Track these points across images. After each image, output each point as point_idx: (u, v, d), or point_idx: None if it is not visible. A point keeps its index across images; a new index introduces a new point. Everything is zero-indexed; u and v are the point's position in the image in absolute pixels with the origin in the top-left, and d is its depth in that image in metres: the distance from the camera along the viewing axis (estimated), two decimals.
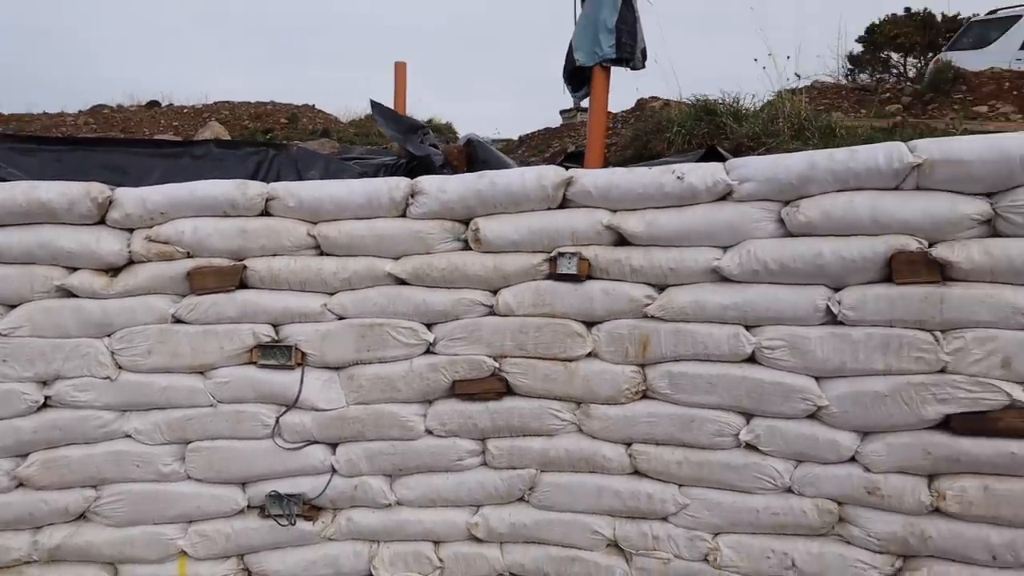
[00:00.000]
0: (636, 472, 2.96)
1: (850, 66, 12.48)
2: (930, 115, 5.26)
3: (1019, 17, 9.72)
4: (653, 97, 6.63)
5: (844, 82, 6.68)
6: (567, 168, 3.05)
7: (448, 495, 3.11)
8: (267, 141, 4.83)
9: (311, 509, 3.16)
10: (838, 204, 2.59)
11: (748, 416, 2.80)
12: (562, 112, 9.16)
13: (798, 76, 5.19)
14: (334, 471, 3.13)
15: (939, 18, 13.17)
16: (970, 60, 8.43)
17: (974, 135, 2.57)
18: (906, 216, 2.52)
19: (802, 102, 4.32)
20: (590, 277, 2.92)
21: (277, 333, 3.11)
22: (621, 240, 2.91)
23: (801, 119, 4.07)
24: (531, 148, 7.15)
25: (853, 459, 2.69)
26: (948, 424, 2.54)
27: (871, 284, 2.60)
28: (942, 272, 2.50)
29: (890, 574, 2.69)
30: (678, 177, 2.78)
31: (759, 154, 3.32)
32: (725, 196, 2.78)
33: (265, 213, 3.12)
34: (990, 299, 2.43)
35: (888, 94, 6.23)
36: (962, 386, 2.48)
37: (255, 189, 3.06)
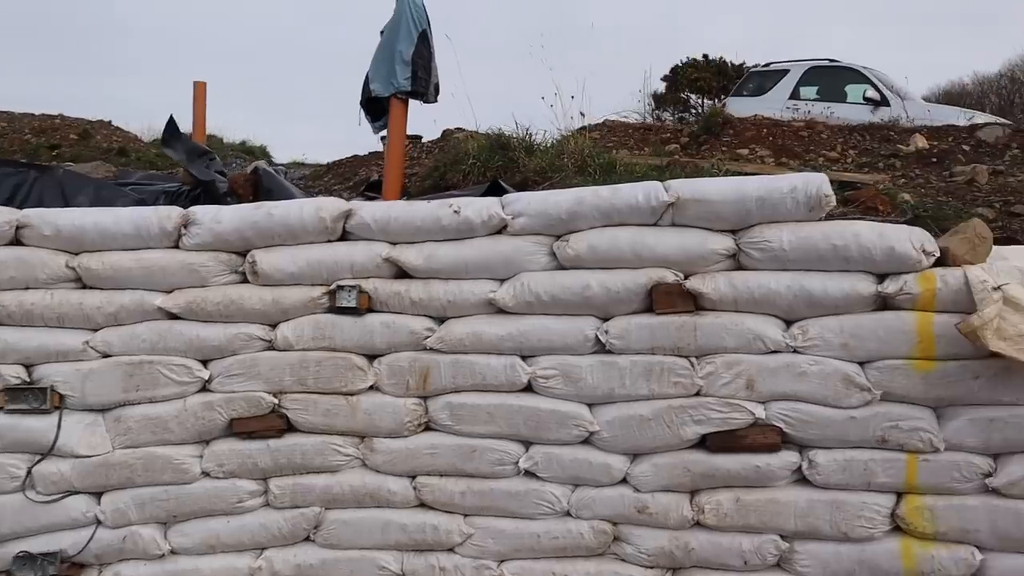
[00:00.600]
0: (422, 504, 2.95)
1: (654, 104, 13.37)
2: (702, 155, 5.68)
3: (788, 71, 10.93)
4: (459, 128, 6.73)
5: (634, 120, 7.12)
6: (370, 198, 3.02)
7: (229, 540, 2.96)
8: (28, 162, 4.43)
9: (72, 567, 2.90)
10: (603, 239, 2.73)
11: (527, 444, 2.87)
12: (383, 139, 9.08)
13: (582, 115, 5.45)
14: (99, 523, 2.90)
15: (730, 66, 14.45)
16: (750, 106, 9.29)
17: (728, 176, 2.79)
18: (664, 250, 2.68)
19: (585, 139, 4.55)
20: (370, 310, 2.89)
21: (30, 374, 2.85)
22: (401, 273, 2.91)
23: (584, 156, 4.27)
24: (338, 175, 7.05)
25: (624, 480, 2.81)
26: (704, 443, 2.72)
27: (635, 314, 2.74)
28: (696, 302, 2.67)
29: None
30: (455, 211, 2.82)
31: (543, 189, 3.44)
32: (501, 230, 2.85)
33: (16, 242, 2.86)
34: (735, 326, 2.63)
35: (668, 134, 6.69)
36: (714, 407, 2.66)
37: (2, 216, 2.80)
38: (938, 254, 2.53)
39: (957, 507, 2.52)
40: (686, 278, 2.69)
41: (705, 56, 14.70)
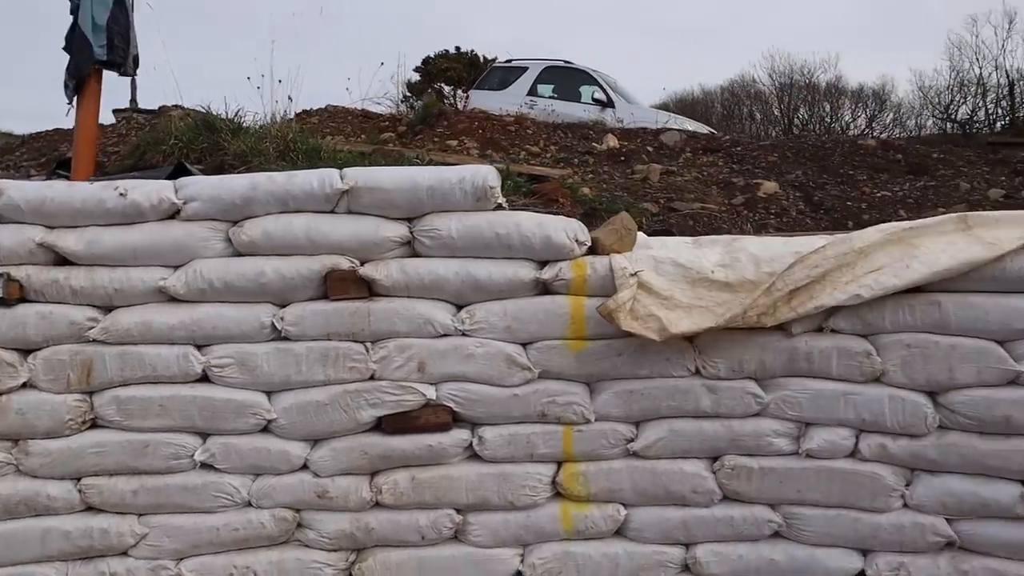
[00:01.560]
0: (89, 508, 2.76)
1: (408, 93, 13.54)
2: (415, 145, 5.84)
3: (527, 68, 11.59)
4: (176, 105, 6.38)
5: (358, 108, 7.15)
6: (59, 176, 2.75)
7: None
8: None
9: None
10: (279, 225, 2.69)
11: (204, 436, 2.78)
12: (116, 111, 8.44)
13: (290, 99, 5.35)
14: None
15: (481, 59, 14.96)
16: (493, 99, 9.70)
17: (422, 164, 2.86)
18: (339, 237, 2.70)
19: (292, 124, 4.48)
20: (23, 300, 2.66)
21: None
22: (62, 260, 2.70)
23: (287, 141, 4.21)
24: (33, 150, 6.41)
25: (305, 467, 2.80)
26: (380, 426, 2.78)
27: (311, 301, 2.73)
28: (370, 289, 2.72)
29: (344, 568, 2.86)
30: (120, 194, 2.66)
31: (240, 172, 3.35)
32: (174, 215, 2.73)
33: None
34: (406, 311, 2.70)
35: (387, 122, 6.80)
36: (388, 391, 2.72)
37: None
38: (590, 243, 2.75)
39: (605, 471, 2.76)
40: (361, 265, 2.72)
41: (457, 48, 15.08)
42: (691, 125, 10.34)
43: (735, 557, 2.75)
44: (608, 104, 10.72)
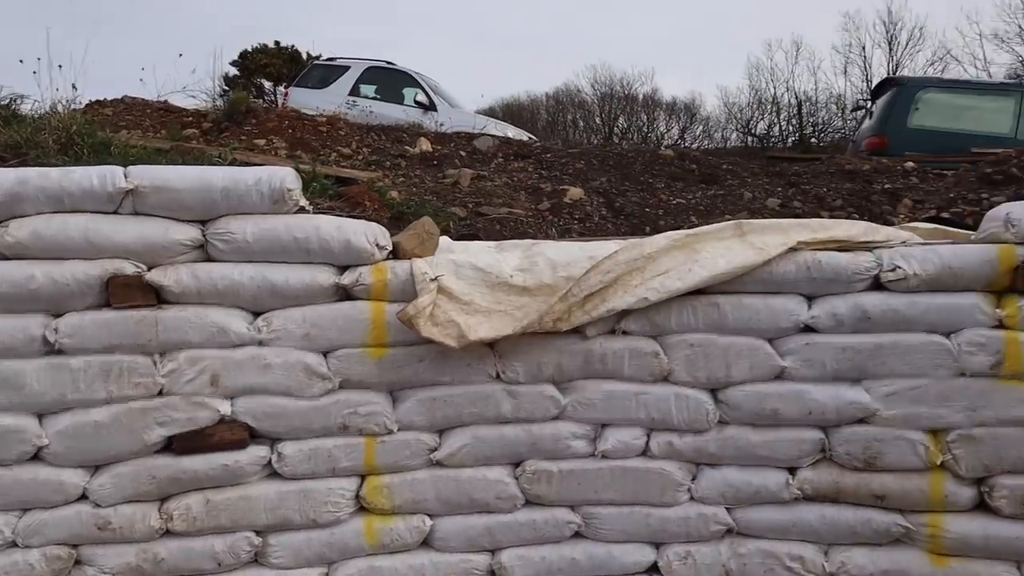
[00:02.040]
0: None
1: (226, 87, 13.02)
2: (220, 142, 5.65)
3: (348, 67, 11.55)
4: None
5: (157, 101, 6.79)
6: None
7: None
8: None
9: None
10: (52, 225, 2.48)
11: None
12: None
13: (74, 87, 4.89)
14: None
15: (305, 55, 14.68)
16: (313, 98, 9.58)
17: (216, 165, 2.72)
18: (123, 240, 2.52)
19: (76, 115, 4.17)
20: None
21: None
22: None
23: (71, 133, 3.90)
24: None
25: (83, 497, 2.56)
26: (170, 446, 2.59)
27: (91, 310, 2.53)
28: (158, 296, 2.55)
29: None
30: None
31: (13, 166, 3.06)
32: None
33: None
34: (199, 320, 2.56)
35: (191, 117, 6.55)
36: (179, 407, 2.55)
37: None
38: (391, 248, 2.74)
39: (410, 482, 2.73)
40: (148, 270, 2.55)
41: (277, 43, 14.74)
42: (512, 131, 10.66)
43: (538, 559, 2.80)
44: (430, 107, 10.84)
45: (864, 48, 25.22)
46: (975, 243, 2.76)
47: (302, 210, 2.73)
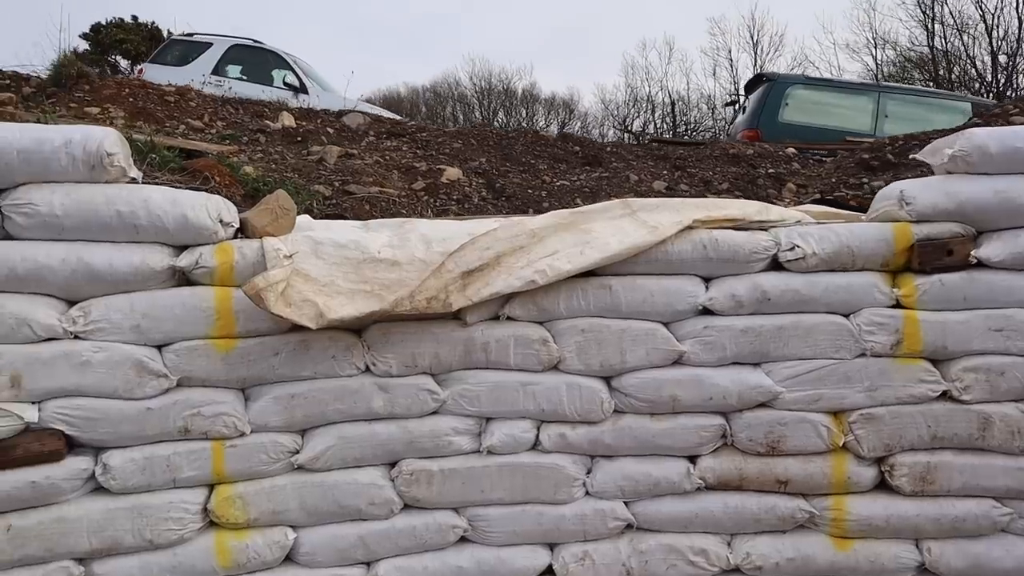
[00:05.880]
0: None
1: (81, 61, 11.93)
2: (43, 109, 5.02)
3: (211, 44, 10.73)
4: None
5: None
6: None
7: None
8: None
9: None
10: None
11: None
12: None
13: None
14: None
15: (166, 33, 13.62)
16: (171, 75, 8.80)
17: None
18: None
19: None
20: None
21: None
22: None
23: None
24: None
25: None
26: None
27: None
28: None
29: None
30: None
31: None
32: None
33: None
34: None
35: (9, 81, 5.86)
36: None
37: None
38: (238, 225, 2.35)
39: (268, 490, 2.38)
40: None
41: (135, 17, 13.61)
42: (387, 116, 10.15)
43: (420, 569, 2.51)
44: (301, 90, 10.17)
45: (731, 52, 26.32)
46: (870, 222, 2.63)
47: (133, 181, 2.29)
